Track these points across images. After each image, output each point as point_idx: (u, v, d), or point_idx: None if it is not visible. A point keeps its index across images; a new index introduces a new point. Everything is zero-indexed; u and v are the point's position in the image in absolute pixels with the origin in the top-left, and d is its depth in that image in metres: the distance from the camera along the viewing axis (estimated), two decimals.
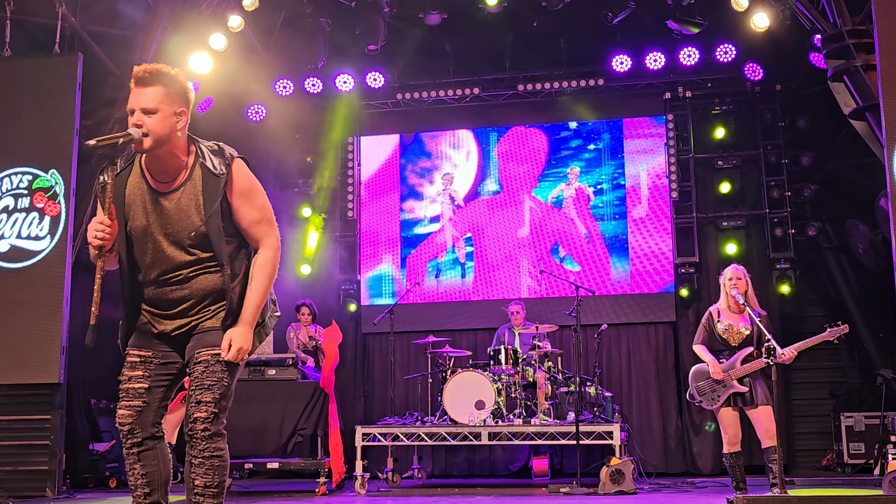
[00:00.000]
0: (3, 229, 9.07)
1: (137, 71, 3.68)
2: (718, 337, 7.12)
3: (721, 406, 7.03)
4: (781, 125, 11.70)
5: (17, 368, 8.80)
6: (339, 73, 12.01)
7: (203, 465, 3.73)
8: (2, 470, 8.68)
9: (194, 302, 3.86)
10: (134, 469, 3.81)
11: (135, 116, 3.65)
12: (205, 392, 3.74)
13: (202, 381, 3.75)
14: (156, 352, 3.92)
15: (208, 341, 3.80)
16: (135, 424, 3.81)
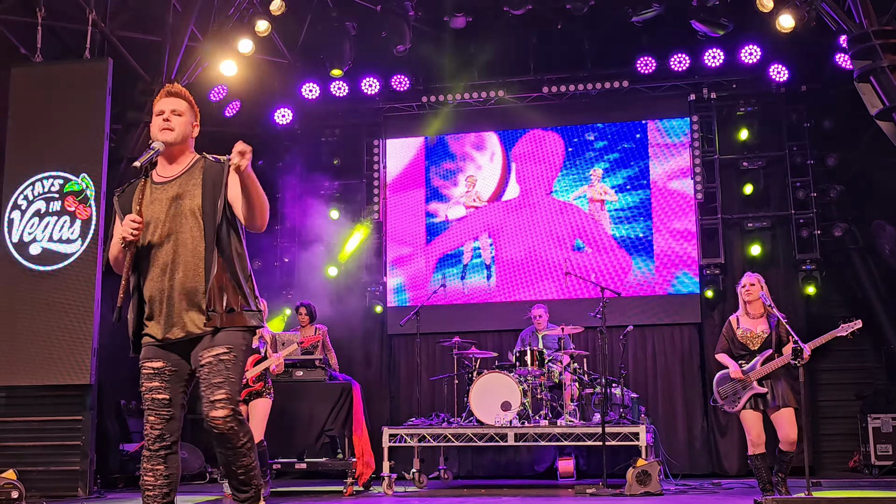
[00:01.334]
0: (35, 232, 9.19)
1: (169, 86, 4.36)
2: (738, 342, 7.20)
3: (742, 408, 7.08)
4: (807, 126, 11.66)
5: (48, 369, 8.91)
6: (365, 77, 12.10)
7: (237, 454, 4.05)
8: (34, 470, 8.78)
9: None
10: (157, 470, 4.04)
11: (165, 114, 4.24)
12: (216, 390, 3.98)
13: (209, 380, 4.00)
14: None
15: (209, 344, 4.08)
16: (165, 430, 4.08)
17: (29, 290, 9.07)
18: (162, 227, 4.12)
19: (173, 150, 4.27)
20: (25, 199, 9.25)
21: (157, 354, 4.14)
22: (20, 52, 9.66)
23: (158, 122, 4.23)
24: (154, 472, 4.03)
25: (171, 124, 4.22)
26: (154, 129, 4.24)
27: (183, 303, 4.09)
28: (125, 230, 4.01)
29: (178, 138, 4.25)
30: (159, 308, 4.13)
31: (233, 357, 4.04)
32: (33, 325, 8.98)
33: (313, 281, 12.61)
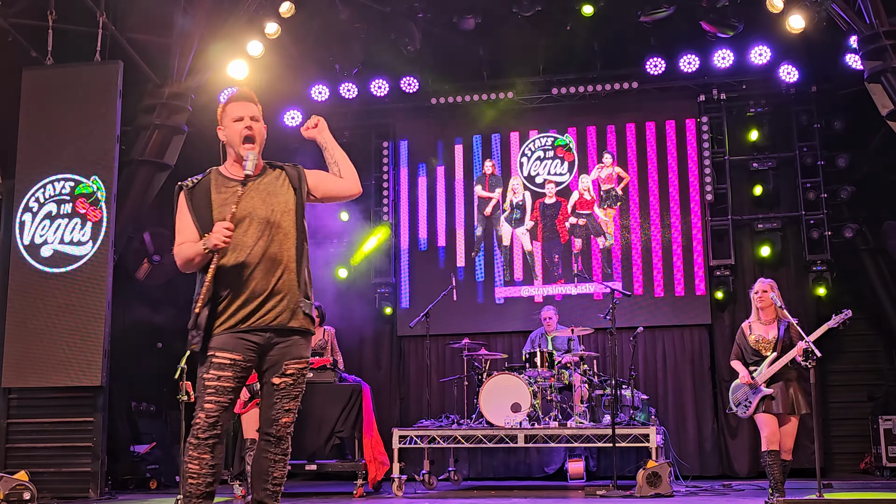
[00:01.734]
0: (47, 235, 9.23)
1: (242, 90, 4.47)
2: (750, 349, 7.21)
3: (755, 412, 7.09)
4: (817, 127, 11.63)
5: (60, 371, 8.95)
6: (374, 78, 12.11)
7: (284, 461, 4.23)
8: (46, 471, 8.82)
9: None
10: (203, 459, 4.02)
11: (244, 122, 4.30)
12: (293, 401, 4.20)
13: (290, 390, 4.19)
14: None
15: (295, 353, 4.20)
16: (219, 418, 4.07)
17: (40, 292, 9.11)
18: (250, 227, 4.16)
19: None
20: (37, 202, 9.29)
21: (235, 346, 4.09)
22: (31, 55, 9.70)
23: (238, 128, 4.28)
24: (200, 461, 4.01)
25: (253, 132, 4.29)
26: (234, 135, 4.29)
27: (270, 301, 4.12)
28: (217, 238, 4.01)
29: (261, 146, 4.34)
30: (244, 303, 4.11)
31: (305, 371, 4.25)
32: (44, 327, 9.02)
33: (323, 282, 12.62)
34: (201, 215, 4.21)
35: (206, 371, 4.06)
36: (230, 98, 4.40)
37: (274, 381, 4.16)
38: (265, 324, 4.10)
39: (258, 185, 4.26)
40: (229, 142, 4.31)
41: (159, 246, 10.75)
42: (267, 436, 4.19)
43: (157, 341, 11.60)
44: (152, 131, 9.80)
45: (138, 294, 11.27)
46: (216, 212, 4.18)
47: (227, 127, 4.32)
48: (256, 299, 4.10)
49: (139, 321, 11.44)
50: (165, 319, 11.83)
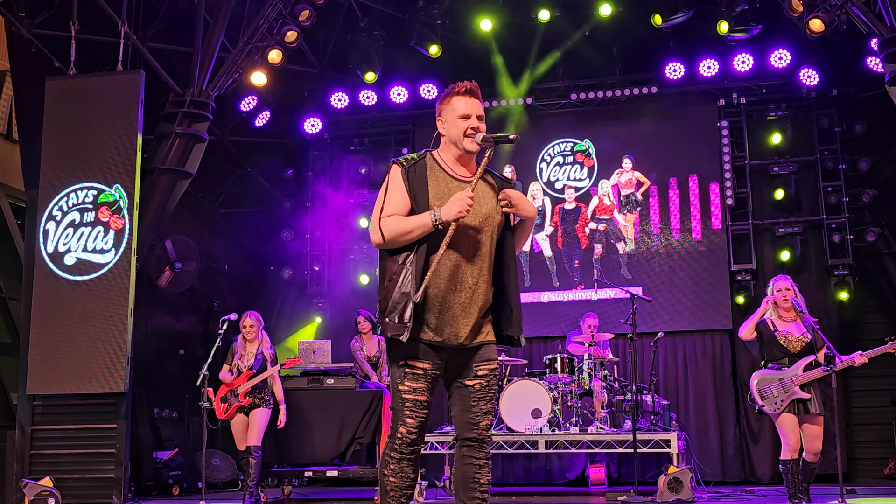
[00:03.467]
0: (70, 243, 9.30)
1: (466, 84, 4.22)
2: (779, 345, 7.05)
3: (783, 411, 6.95)
4: (838, 130, 11.58)
5: (83, 378, 9.00)
6: (393, 86, 12.16)
7: (487, 465, 4.08)
8: (70, 477, 8.88)
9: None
10: (405, 472, 4.00)
11: (471, 121, 4.13)
12: (489, 403, 4.09)
13: (486, 392, 4.08)
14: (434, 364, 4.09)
15: (485, 356, 4.10)
16: (418, 432, 4.03)
17: (64, 300, 9.18)
18: (465, 224, 4.00)
19: (471, 155, 4.20)
20: (60, 210, 9.37)
21: (427, 355, 4.00)
22: (54, 65, 9.79)
23: (463, 126, 4.12)
24: (402, 473, 3.99)
25: (478, 133, 4.13)
26: (456, 132, 4.13)
27: (473, 309, 4.02)
28: (462, 205, 3.86)
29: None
30: (446, 309, 4.00)
31: (498, 372, 4.17)
32: (68, 335, 9.08)
33: (344, 289, 12.69)
34: (419, 193, 4.04)
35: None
36: (453, 90, 4.22)
37: (467, 384, 4.08)
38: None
39: (477, 185, 4.08)
40: (453, 138, 4.15)
41: (181, 253, 10.83)
42: (469, 441, 4.05)
43: (179, 348, 11.68)
44: (173, 140, 9.86)
45: (160, 301, 11.36)
46: (433, 196, 4.03)
47: (450, 121, 4.16)
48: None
49: (161, 328, 11.52)
50: (187, 326, 11.92)
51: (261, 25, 10.19)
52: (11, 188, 10.94)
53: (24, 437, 9.16)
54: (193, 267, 10.98)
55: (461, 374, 4.07)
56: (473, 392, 4.05)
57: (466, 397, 4.06)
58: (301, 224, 12.85)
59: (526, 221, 4.20)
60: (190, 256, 10.93)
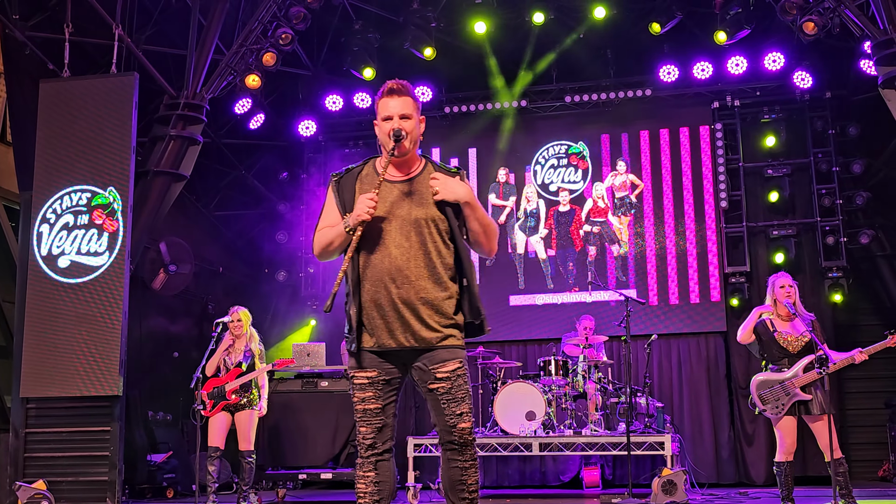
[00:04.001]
0: (64, 246, 9.29)
1: (390, 84, 4.10)
2: (777, 345, 7.01)
3: (785, 415, 6.93)
4: (832, 133, 11.61)
5: (77, 381, 8.99)
6: None
7: (473, 466, 4.03)
8: (64, 480, 8.86)
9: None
10: (367, 477, 4.04)
11: (394, 121, 4.02)
12: (461, 404, 3.99)
13: (455, 393, 3.99)
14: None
15: (440, 357, 4.00)
16: (377, 438, 4.05)
17: (58, 303, 9.17)
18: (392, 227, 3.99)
19: (407, 155, 4.08)
20: (54, 213, 9.35)
21: (372, 363, 4.02)
22: (48, 68, 9.78)
23: (386, 128, 4.02)
24: (365, 478, 4.02)
25: (403, 132, 3.99)
26: (381, 134, 4.06)
27: (413, 310, 3.95)
28: (361, 207, 3.86)
29: (411, 146, 4.06)
30: (383, 313, 3.97)
31: (465, 370, 4.04)
32: (62, 338, 9.07)
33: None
34: (348, 202, 4.05)
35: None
36: (381, 91, 4.13)
37: (430, 388, 4.02)
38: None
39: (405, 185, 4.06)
40: (382, 142, 4.08)
41: (175, 256, 10.82)
42: (450, 444, 4.02)
43: (174, 351, 11.67)
44: (168, 142, 9.85)
45: (154, 304, 11.35)
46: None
47: (379, 125, 4.08)
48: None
49: (155, 331, 11.51)
50: (181, 329, 11.91)
51: (255, 28, 10.19)
52: (5, 190, 10.91)
53: (18, 440, 9.14)
54: (188, 269, 10.98)
55: (423, 378, 4.02)
56: (439, 395, 3.99)
57: (435, 401, 4.02)
58: (296, 226, 12.84)
59: (465, 207, 4.02)
60: (184, 259, 10.93)
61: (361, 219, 3.88)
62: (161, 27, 10.64)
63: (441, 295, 3.99)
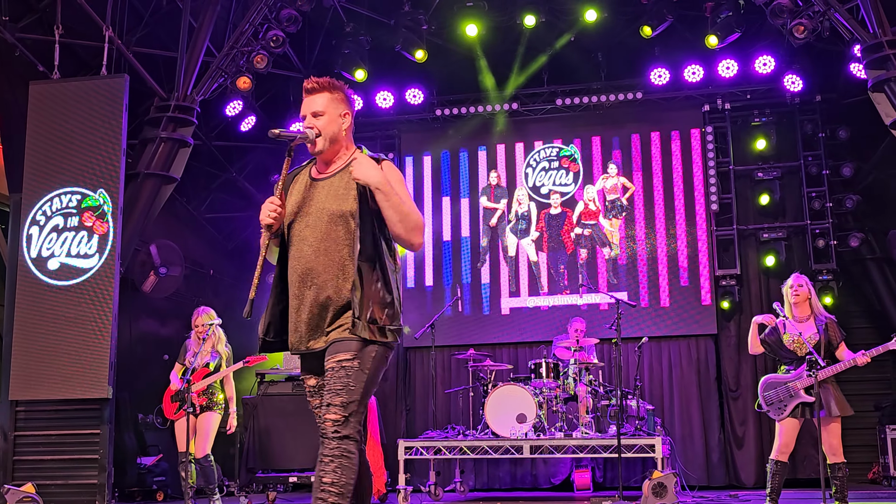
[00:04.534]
0: (53, 248, 9.26)
1: (306, 83, 4.12)
2: (785, 348, 7.00)
3: (787, 416, 6.94)
4: (822, 136, 11.65)
5: (67, 384, 8.95)
6: (379, 90, 12.15)
7: (332, 463, 3.77)
8: (53, 483, 8.82)
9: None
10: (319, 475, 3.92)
11: (307, 121, 4.04)
12: (334, 396, 3.82)
13: (331, 385, 3.84)
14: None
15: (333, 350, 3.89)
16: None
17: (47, 305, 9.13)
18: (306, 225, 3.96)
19: (326, 153, 4.06)
20: (44, 215, 9.32)
21: (306, 371, 4.04)
22: (38, 69, 9.74)
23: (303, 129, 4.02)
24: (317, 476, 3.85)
25: (315, 130, 4.00)
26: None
27: (321, 310, 3.90)
28: (262, 213, 3.87)
29: (326, 144, 4.04)
30: (300, 316, 3.94)
31: (357, 364, 3.84)
32: (51, 340, 9.03)
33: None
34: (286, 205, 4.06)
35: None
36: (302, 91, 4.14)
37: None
38: None
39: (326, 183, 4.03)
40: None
41: (165, 258, 10.79)
42: (321, 436, 3.86)
43: (164, 353, 11.63)
44: (158, 144, 9.83)
45: (145, 307, 11.31)
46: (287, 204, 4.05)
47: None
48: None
49: (146, 333, 11.47)
50: (172, 332, 11.86)
51: (246, 30, 10.17)
52: None
53: (7, 443, 9.09)
54: (178, 272, 10.94)
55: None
56: (326, 385, 3.87)
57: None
58: None
59: (379, 194, 3.88)
60: (174, 261, 10.90)
61: (264, 223, 3.88)
62: (152, 29, 10.61)
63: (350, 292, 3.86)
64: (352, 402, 3.82)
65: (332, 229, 3.92)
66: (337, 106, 4.08)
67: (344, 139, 4.10)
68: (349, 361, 3.83)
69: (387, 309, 3.93)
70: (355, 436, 3.84)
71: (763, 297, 11.60)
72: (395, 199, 3.89)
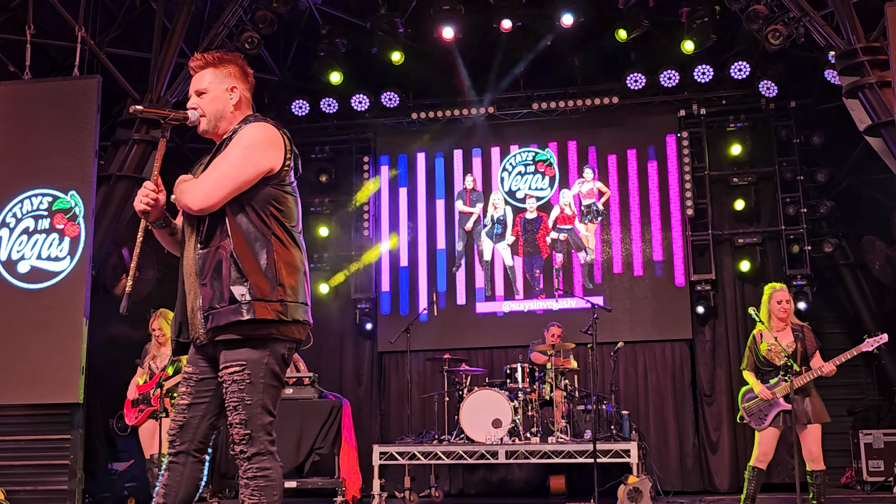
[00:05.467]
0: (24, 250, 9.14)
1: (191, 60, 3.86)
2: (762, 358, 7.03)
3: (769, 426, 6.97)
4: (796, 142, 11.69)
5: (37, 388, 8.83)
6: (355, 93, 12.09)
7: (249, 486, 3.63)
8: (22, 489, 8.71)
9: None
10: (162, 476, 3.78)
11: (192, 100, 3.79)
12: (233, 413, 3.62)
13: (228, 401, 3.64)
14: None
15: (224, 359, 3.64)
16: (176, 437, 3.77)
17: (17, 309, 9.01)
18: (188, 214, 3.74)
19: (217, 131, 3.81)
20: (14, 217, 9.21)
21: (190, 359, 3.78)
22: (9, 69, 9.64)
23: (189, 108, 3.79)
24: (161, 477, 3.75)
25: (198, 111, 3.77)
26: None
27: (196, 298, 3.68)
28: (136, 199, 3.64)
29: (211, 124, 3.79)
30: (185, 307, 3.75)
31: (248, 375, 3.60)
32: (21, 344, 8.91)
33: None
34: None
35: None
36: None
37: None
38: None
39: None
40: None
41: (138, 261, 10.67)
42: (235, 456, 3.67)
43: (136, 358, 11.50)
44: (131, 146, 9.74)
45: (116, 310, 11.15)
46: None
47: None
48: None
49: (117, 337, 11.33)
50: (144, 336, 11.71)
51: (220, 31, 10.09)
52: None
53: None
54: (151, 276, 10.84)
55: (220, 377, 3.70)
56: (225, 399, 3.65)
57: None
58: None
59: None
60: (147, 265, 10.78)
61: (137, 210, 3.67)
62: (125, 30, 10.52)
63: (215, 274, 3.61)
64: (251, 417, 3.60)
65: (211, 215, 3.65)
66: (223, 81, 3.80)
67: (232, 115, 3.81)
68: (240, 374, 3.60)
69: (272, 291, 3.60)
70: (266, 449, 3.64)
71: (738, 302, 11.63)
72: (187, 190, 3.65)
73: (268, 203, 3.66)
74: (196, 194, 3.61)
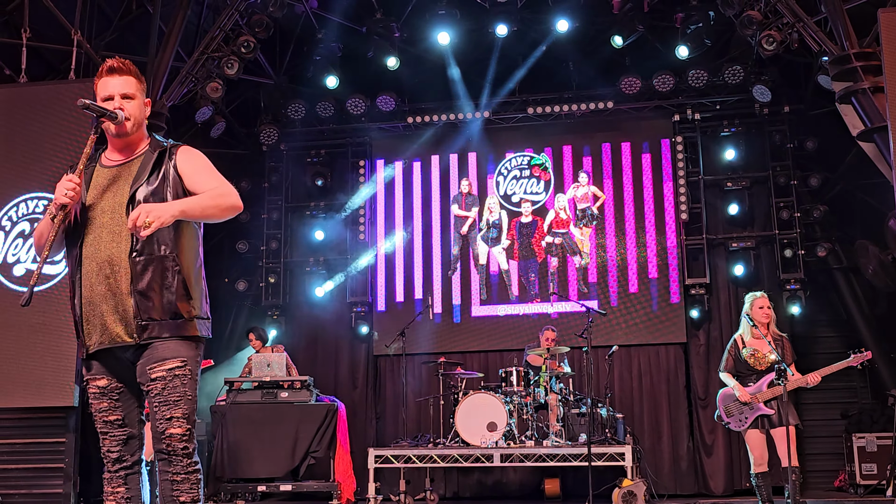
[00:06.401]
0: (19, 254, 9.15)
1: (110, 62, 3.85)
2: (744, 362, 7.15)
3: (748, 427, 7.07)
4: (790, 146, 11.73)
5: (32, 392, 8.84)
6: (351, 97, 12.10)
7: (188, 481, 3.69)
8: (17, 493, 8.71)
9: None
10: (116, 493, 3.83)
11: (116, 101, 3.78)
12: (173, 408, 3.67)
13: (166, 396, 3.67)
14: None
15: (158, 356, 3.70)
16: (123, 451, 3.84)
17: (12, 312, 9.00)
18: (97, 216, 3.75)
19: (129, 138, 3.84)
20: (10, 220, 9.21)
21: (100, 370, 3.76)
22: (5, 73, 9.64)
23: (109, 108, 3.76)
24: (114, 494, 3.80)
25: (125, 113, 3.77)
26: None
27: (120, 301, 3.67)
28: (59, 190, 3.60)
29: (132, 127, 3.81)
30: (95, 309, 3.71)
31: (188, 371, 3.70)
32: (17, 347, 8.92)
33: (300, 301, 12.63)
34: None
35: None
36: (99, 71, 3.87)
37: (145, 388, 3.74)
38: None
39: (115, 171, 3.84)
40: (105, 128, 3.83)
41: None
42: (160, 453, 3.70)
43: None
44: None
45: None
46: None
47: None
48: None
49: None
50: None
51: (216, 35, 10.11)
52: None
53: None
54: None
55: (141, 378, 3.72)
56: (152, 397, 3.68)
57: (151, 402, 3.70)
58: (256, 235, 12.75)
59: (186, 216, 3.72)
60: None
61: (60, 202, 3.62)
62: (121, 33, 10.53)
63: (157, 285, 3.67)
64: (191, 412, 3.71)
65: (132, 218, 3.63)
66: (142, 93, 3.88)
67: (143, 128, 3.92)
68: (181, 369, 3.69)
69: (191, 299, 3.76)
70: (194, 447, 3.75)
71: (732, 306, 11.66)
72: (197, 209, 3.75)
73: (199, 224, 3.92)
74: (233, 194, 3.83)
